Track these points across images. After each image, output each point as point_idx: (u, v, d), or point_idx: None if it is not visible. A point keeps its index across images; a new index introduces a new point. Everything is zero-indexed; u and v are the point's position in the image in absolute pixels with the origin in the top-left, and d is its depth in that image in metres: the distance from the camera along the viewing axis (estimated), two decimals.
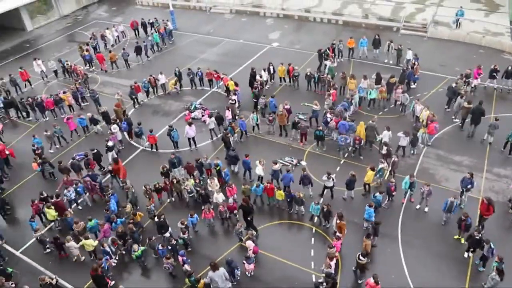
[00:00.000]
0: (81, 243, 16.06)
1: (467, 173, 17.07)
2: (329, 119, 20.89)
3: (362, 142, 20.06)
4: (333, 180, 17.58)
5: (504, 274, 13.29)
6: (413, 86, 24.42)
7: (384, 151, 18.82)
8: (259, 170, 18.57)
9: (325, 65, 25.68)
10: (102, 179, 19.39)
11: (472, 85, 23.72)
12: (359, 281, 14.83)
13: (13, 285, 14.83)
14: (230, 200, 17.10)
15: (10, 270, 16.07)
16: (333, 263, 14.22)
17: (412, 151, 20.13)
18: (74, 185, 18.57)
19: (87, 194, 19.00)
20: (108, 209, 17.10)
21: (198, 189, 18.01)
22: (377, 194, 16.85)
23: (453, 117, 22.17)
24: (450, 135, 21.28)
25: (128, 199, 17.94)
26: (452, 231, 16.21)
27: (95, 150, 20.22)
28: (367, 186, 18.14)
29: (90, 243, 16.00)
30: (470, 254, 15.32)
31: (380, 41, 27.59)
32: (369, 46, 28.00)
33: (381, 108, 23.36)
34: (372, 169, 17.64)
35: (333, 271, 14.05)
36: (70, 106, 25.61)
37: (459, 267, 15.09)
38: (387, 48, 27.16)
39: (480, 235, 14.61)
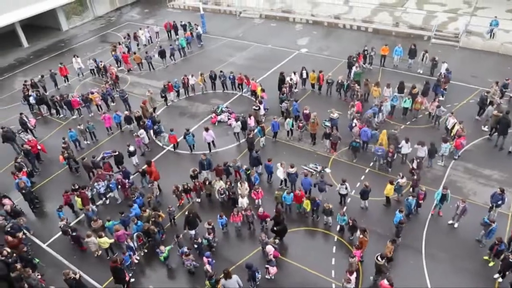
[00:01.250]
0: (97, 242, 16.39)
1: (498, 188, 16.56)
2: (354, 125, 20.69)
3: (395, 156, 19.49)
4: (347, 188, 17.41)
5: None
6: (441, 98, 23.94)
7: (415, 164, 18.53)
8: (279, 173, 18.54)
9: (352, 71, 25.54)
10: (132, 180, 19.74)
11: (508, 97, 23.08)
12: (371, 277, 14.67)
13: (39, 276, 15.25)
14: (261, 210, 17.10)
15: (37, 261, 16.56)
16: (353, 277, 13.97)
17: (429, 163, 19.67)
18: (106, 180, 18.99)
19: (118, 190, 19.40)
20: (123, 213, 17.26)
21: (228, 192, 18.16)
22: (410, 197, 16.64)
23: (482, 126, 21.66)
24: (479, 147, 20.74)
25: (151, 206, 18.11)
26: (482, 250, 15.77)
27: (117, 153, 20.56)
28: (388, 199, 17.88)
29: (105, 241, 16.30)
30: (500, 280, 14.73)
31: (416, 51, 27.14)
32: (404, 56, 27.61)
33: (409, 118, 22.96)
34: (391, 183, 17.38)
35: (350, 285, 13.78)
36: (97, 105, 26.24)
37: None
38: (421, 58, 26.72)
39: None
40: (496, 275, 14.82)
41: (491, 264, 15.27)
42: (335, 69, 27.77)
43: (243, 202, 17.64)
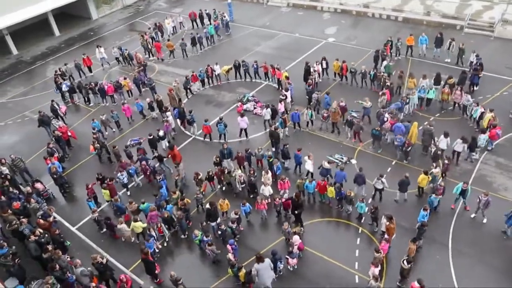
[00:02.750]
0: (131, 226, 16.74)
1: None
2: (386, 119, 20.26)
3: (410, 147, 19.14)
4: (383, 182, 17.14)
5: None
6: (476, 88, 23.18)
7: (432, 154, 18.19)
8: (308, 165, 18.42)
9: (382, 64, 24.92)
10: (154, 164, 20.10)
11: None
12: (397, 283, 14.44)
13: (68, 258, 15.77)
14: (286, 196, 17.06)
15: (68, 243, 17.13)
16: (377, 269, 13.82)
17: (468, 157, 19.17)
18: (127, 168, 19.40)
19: (140, 176, 19.72)
20: (156, 195, 17.68)
21: (252, 178, 18.17)
22: (433, 196, 16.35)
23: None
24: None
25: (178, 187, 18.44)
26: (510, 244, 15.37)
27: (152, 136, 20.92)
28: (421, 190, 17.56)
29: (139, 225, 16.63)
30: None
31: (442, 40, 26.33)
32: (429, 44, 26.87)
33: (438, 110, 22.41)
34: (425, 173, 17.04)
35: (377, 283, 13.49)
36: (128, 91, 26.68)
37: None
38: (448, 46, 25.94)
39: None
40: None
41: None
42: (362, 59, 27.30)
43: (265, 190, 17.60)
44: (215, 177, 18.80)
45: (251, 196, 18.28)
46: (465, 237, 15.96)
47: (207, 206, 16.70)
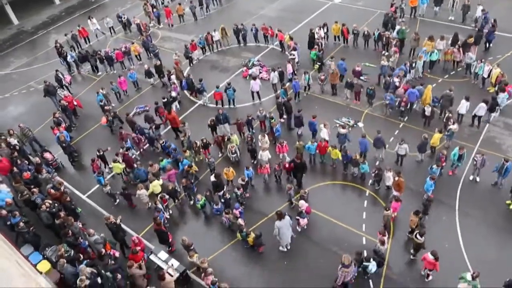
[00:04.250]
0: (150, 190, 16.86)
1: None
2: (397, 84, 19.89)
3: (409, 105, 19.08)
4: (405, 149, 16.90)
5: None
6: (490, 46, 22.55)
7: (427, 113, 18.19)
8: (324, 133, 18.04)
9: (395, 29, 23.98)
10: (157, 133, 20.13)
11: None
12: (411, 257, 14.48)
13: (80, 225, 16.10)
14: (288, 159, 17.07)
15: (79, 210, 17.43)
16: (385, 238, 13.77)
17: (489, 118, 18.82)
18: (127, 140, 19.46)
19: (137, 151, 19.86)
20: (170, 154, 17.88)
21: (250, 147, 18.16)
22: (434, 166, 16.19)
23: None
24: None
25: (185, 147, 18.57)
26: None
27: (165, 99, 21.09)
28: (433, 149, 17.47)
29: (157, 183, 16.81)
30: None
31: None
32: (430, 4, 26.09)
33: (446, 71, 21.99)
34: (440, 132, 16.94)
35: (384, 246, 13.71)
36: (137, 56, 26.44)
37: None
38: (451, 4, 25.10)
39: None
40: None
41: (511, 206, 15.08)
42: (369, 21, 26.65)
43: (263, 155, 17.52)
44: (215, 145, 18.85)
45: (253, 162, 18.35)
46: (471, 198, 15.98)
47: (213, 178, 16.64)
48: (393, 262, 14.32)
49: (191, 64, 26.07)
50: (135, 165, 18.21)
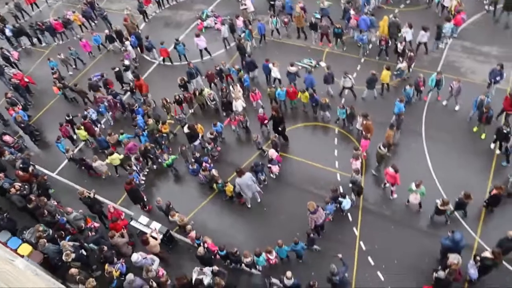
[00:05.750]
0: (107, 160, 16.61)
1: (496, 64, 16.25)
2: (351, 16, 19.76)
3: (390, 43, 19.00)
4: (350, 79, 17.15)
5: None
6: None
7: (399, 49, 18.09)
8: (274, 72, 18.23)
9: None
10: (122, 98, 19.57)
11: None
12: (373, 172, 15.13)
13: (55, 203, 15.80)
14: (260, 111, 16.98)
15: (52, 191, 16.95)
16: (358, 162, 14.33)
17: (436, 46, 19.13)
18: (100, 104, 18.87)
19: (110, 113, 19.28)
20: (136, 125, 17.44)
21: (224, 99, 17.96)
22: (407, 87, 16.51)
23: (485, 1, 20.64)
24: (478, 25, 20.01)
25: (151, 118, 18.09)
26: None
27: (117, 69, 20.11)
28: (385, 85, 17.68)
29: (116, 156, 16.53)
30: (498, 151, 15.08)
31: None
32: None
33: (403, 1, 21.88)
34: (388, 68, 17.04)
35: (359, 176, 14.09)
36: (81, 26, 25.08)
37: (484, 162, 14.97)
38: None
39: (508, 129, 14.20)
40: (492, 145, 15.24)
41: (483, 136, 15.64)
42: None
43: (237, 105, 17.49)
44: (184, 102, 18.51)
45: (226, 114, 18.19)
46: (437, 124, 16.46)
47: (186, 130, 16.54)
48: (368, 195, 14.85)
49: (146, 20, 25.05)
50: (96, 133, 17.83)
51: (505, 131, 14.26)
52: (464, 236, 11.91)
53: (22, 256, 13.96)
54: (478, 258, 11.36)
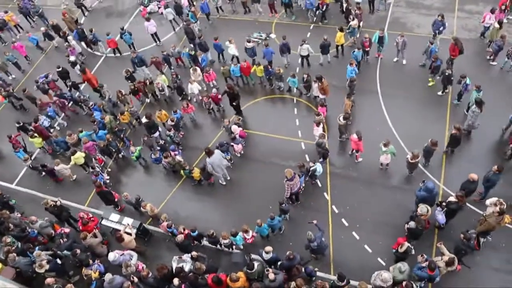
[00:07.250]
0: (71, 163, 16.07)
1: (437, 15, 16.71)
2: None
3: (325, 7, 19.14)
4: (308, 49, 17.16)
5: (484, 104, 13.47)
6: None
7: (344, 8, 18.26)
8: (232, 50, 17.97)
9: None
10: (73, 94, 18.86)
11: None
12: (339, 139, 15.42)
13: (19, 215, 15.19)
14: (214, 90, 16.77)
15: (13, 201, 16.26)
16: (320, 127, 14.53)
17: (378, 7, 19.48)
18: (48, 108, 18.07)
19: (61, 116, 18.54)
20: (95, 121, 16.80)
21: (175, 84, 17.63)
22: (355, 50, 16.71)
23: None
24: None
25: (108, 112, 17.59)
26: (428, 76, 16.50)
27: (60, 68, 19.15)
28: (340, 48, 17.82)
29: (80, 155, 15.98)
30: (443, 93, 15.79)
31: None
32: None
33: None
34: (341, 30, 17.19)
35: (324, 139, 14.24)
36: (16, 26, 23.71)
37: (439, 111, 15.54)
38: None
39: (450, 71, 14.84)
40: (439, 93, 15.89)
41: (430, 84, 16.23)
42: None
43: (193, 88, 17.19)
44: (139, 91, 18.02)
45: (181, 99, 17.85)
46: (390, 80, 16.87)
47: (144, 120, 16.16)
48: (334, 159, 15.15)
49: (85, 14, 23.96)
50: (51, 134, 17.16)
51: (447, 74, 14.94)
52: None
53: None
54: (444, 204, 11.87)
